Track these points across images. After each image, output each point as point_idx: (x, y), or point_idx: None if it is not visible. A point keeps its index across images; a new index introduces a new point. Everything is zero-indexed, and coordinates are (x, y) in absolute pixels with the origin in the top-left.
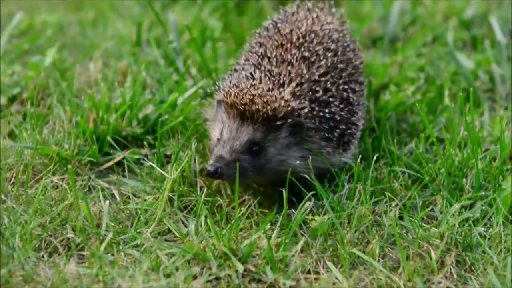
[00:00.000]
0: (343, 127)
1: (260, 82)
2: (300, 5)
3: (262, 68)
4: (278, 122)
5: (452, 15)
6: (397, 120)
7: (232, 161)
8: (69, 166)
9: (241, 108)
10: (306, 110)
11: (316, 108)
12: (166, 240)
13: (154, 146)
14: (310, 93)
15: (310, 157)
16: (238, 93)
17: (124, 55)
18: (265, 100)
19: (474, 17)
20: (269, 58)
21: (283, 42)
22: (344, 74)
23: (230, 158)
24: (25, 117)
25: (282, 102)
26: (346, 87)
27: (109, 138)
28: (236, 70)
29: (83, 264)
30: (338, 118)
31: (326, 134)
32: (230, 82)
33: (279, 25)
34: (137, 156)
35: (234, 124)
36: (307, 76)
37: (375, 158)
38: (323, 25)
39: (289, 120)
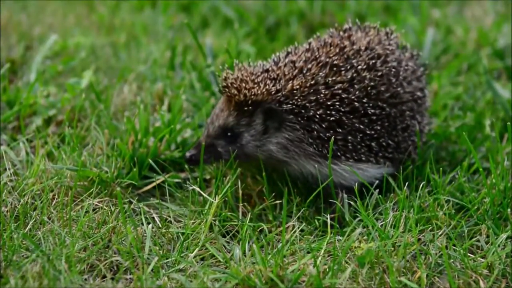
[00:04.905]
0: (327, 133)
1: (267, 71)
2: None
3: (288, 59)
4: (250, 108)
5: (484, 44)
6: (436, 148)
7: (208, 146)
8: (118, 189)
9: (224, 91)
10: (295, 103)
11: (313, 109)
12: (208, 265)
13: (192, 170)
14: (312, 92)
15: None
16: (229, 77)
17: (158, 78)
18: (242, 85)
19: (506, 47)
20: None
21: (333, 43)
22: (373, 91)
23: (205, 144)
24: (63, 138)
25: (258, 89)
26: (372, 103)
27: (150, 161)
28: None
29: None
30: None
31: (309, 134)
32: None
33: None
34: (176, 180)
35: (217, 108)
36: (319, 79)
37: (421, 186)
38: (385, 46)
39: (264, 106)
